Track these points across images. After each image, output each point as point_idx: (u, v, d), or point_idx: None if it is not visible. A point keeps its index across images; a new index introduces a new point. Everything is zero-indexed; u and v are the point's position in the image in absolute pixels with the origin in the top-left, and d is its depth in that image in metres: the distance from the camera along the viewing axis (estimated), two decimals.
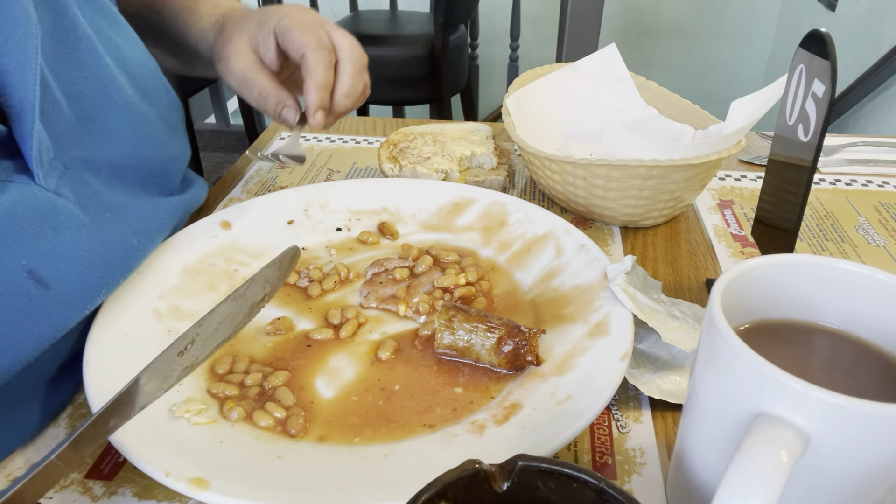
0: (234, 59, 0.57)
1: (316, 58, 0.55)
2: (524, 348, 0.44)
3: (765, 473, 0.25)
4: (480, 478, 0.27)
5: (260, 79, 0.57)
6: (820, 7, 2.27)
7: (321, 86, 0.55)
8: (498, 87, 2.91)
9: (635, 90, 0.74)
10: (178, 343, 0.39)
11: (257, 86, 0.57)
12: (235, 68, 0.57)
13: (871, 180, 0.74)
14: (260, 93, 0.57)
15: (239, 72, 0.57)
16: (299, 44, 0.55)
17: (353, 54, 0.57)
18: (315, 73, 0.55)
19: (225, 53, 0.58)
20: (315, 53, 0.55)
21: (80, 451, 0.33)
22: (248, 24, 0.57)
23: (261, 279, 0.46)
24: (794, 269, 0.34)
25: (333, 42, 0.57)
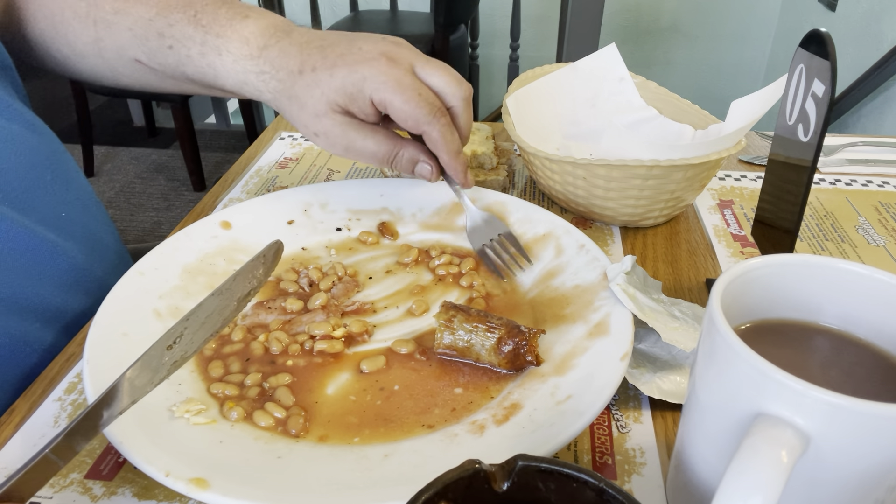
0: (339, 137, 0.52)
1: (440, 131, 0.51)
2: (524, 348, 0.44)
3: (765, 473, 0.25)
4: (480, 478, 0.27)
5: (375, 145, 0.53)
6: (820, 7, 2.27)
7: (456, 153, 0.53)
8: (498, 87, 2.91)
9: (635, 90, 0.74)
10: (166, 337, 0.39)
11: (378, 153, 0.53)
12: (342, 146, 0.53)
13: (871, 180, 0.74)
14: (383, 158, 0.54)
15: (349, 151, 0.53)
16: (413, 119, 0.51)
17: (461, 95, 0.53)
18: (443, 144, 0.52)
19: (317, 128, 0.52)
20: (436, 126, 0.51)
21: (74, 445, 0.34)
22: (334, 93, 0.50)
23: (246, 273, 0.45)
24: (794, 269, 0.34)
25: (434, 88, 0.52)
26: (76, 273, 0.55)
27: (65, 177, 0.57)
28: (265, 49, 0.53)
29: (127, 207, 2.49)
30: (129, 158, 2.82)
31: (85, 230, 0.58)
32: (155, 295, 0.50)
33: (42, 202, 0.54)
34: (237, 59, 0.53)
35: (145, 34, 0.55)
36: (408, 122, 0.51)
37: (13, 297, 0.50)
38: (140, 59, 0.57)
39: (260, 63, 0.53)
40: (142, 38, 0.55)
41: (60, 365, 0.49)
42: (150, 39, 0.55)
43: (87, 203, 0.59)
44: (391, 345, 0.48)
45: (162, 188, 2.62)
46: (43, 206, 0.54)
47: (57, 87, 3.32)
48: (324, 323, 0.49)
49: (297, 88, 0.51)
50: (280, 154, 0.80)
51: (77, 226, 0.57)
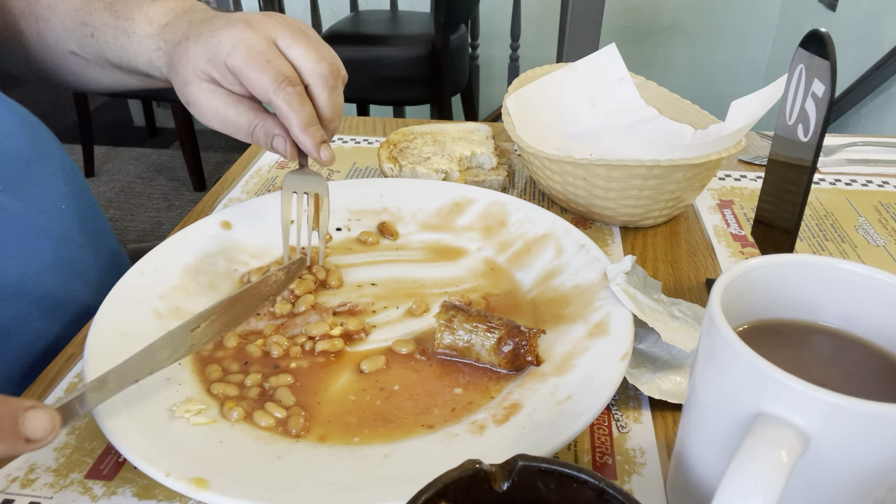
0: (204, 105, 0.51)
1: (284, 100, 0.48)
2: (524, 348, 0.44)
3: (765, 473, 0.25)
4: (480, 478, 0.27)
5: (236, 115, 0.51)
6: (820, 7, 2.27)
7: (305, 125, 0.49)
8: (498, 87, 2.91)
9: (635, 90, 0.74)
10: (192, 321, 0.43)
11: (238, 125, 0.51)
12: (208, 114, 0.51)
13: (871, 180, 0.74)
14: (242, 130, 0.51)
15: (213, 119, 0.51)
16: (259, 86, 0.48)
17: (319, 72, 0.49)
18: (291, 116, 0.48)
19: (187, 96, 0.51)
20: (280, 95, 0.48)
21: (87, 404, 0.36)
22: (197, 59, 0.50)
23: (270, 280, 0.49)
24: (794, 269, 0.34)
25: (293, 61, 0.49)
26: (76, 264, 0.56)
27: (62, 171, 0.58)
28: (165, 27, 0.54)
29: (127, 207, 2.49)
30: (130, 158, 2.82)
31: (84, 225, 0.58)
32: (155, 295, 0.50)
33: (43, 194, 0.54)
34: (141, 39, 0.55)
35: (73, 25, 0.58)
36: (256, 90, 0.49)
37: (17, 289, 0.50)
38: (73, 50, 0.60)
39: (157, 40, 0.55)
40: (71, 29, 0.59)
41: (60, 365, 0.49)
42: (77, 30, 0.58)
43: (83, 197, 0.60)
44: (391, 345, 0.48)
45: (162, 188, 2.62)
46: (44, 198, 0.54)
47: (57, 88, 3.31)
48: (320, 323, 0.49)
49: (175, 58, 0.52)
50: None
51: (76, 219, 0.57)
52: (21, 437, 0.31)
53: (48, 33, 0.60)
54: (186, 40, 0.51)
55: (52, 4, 0.59)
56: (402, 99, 2.13)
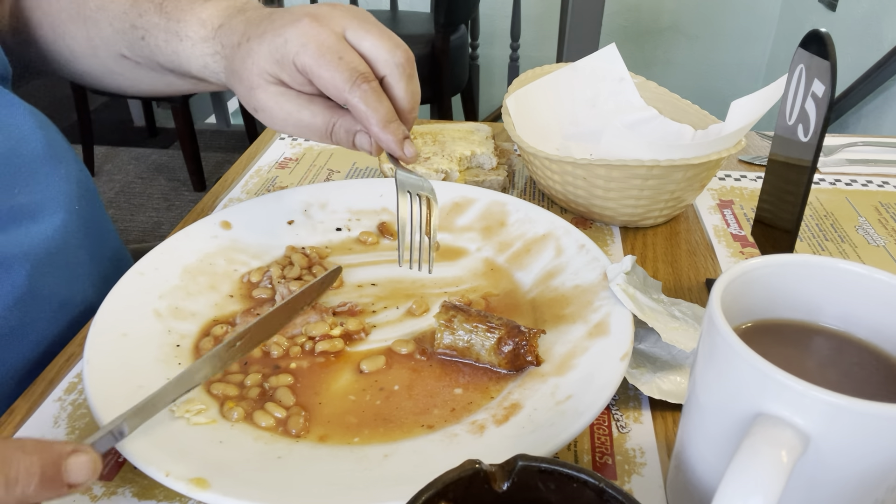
0: (275, 110, 0.48)
1: (361, 98, 0.45)
2: (524, 348, 0.44)
3: (765, 473, 0.25)
4: (480, 478, 0.27)
5: (311, 116, 0.48)
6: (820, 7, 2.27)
7: (385, 123, 0.46)
8: (498, 87, 2.91)
9: (635, 90, 0.74)
10: (231, 340, 0.44)
11: (314, 126, 0.49)
12: (280, 119, 0.49)
13: (871, 180, 0.74)
14: (320, 131, 0.49)
15: (287, 124, 0.49)
16: (333, 85, 0.46)
17: (395, 62, 0.47)
18: (369, 114, 0.46)
19: (255, 103, 0.49)
20: (357, 94, 0.45)
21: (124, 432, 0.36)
22: (263, 61, 0.47)
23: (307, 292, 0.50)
24: (794, 269, 0.34)
25: (364, 54, 0.47)
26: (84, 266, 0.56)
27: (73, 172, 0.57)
28: (219, 29, 0.51)
29: (127, 207, 2.49)
30: (130, 158, 2.82)
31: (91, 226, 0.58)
32: (155, 295, 0.50)
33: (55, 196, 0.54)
34: (195, 43, 0.52)
35: (123, 27, 0.56)
36: (329, 90, 0.46)
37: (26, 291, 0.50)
38: (124, 53, 0.57)
39: (213, 44, 0.52)
40: (121, 31, 0.56)
41: (60, 365, 0.49)
42: (127, 32, 0.56)
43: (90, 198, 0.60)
44: (391, 345, 0.48)
45: (162, 188, 2.62)
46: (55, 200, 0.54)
47: (57, 87, 3.31)
48: (320, 323, 0.49)
49: (236, 62, 0.49)
50: (280, 154, 0.80)
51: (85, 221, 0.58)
52: (64, 483, 0.31)
53: (97, 36, 0.58)
54: (248, 41, 0.48)
55: (101, 6, 0.57)
56: None
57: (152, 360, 0.45)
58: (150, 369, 0.44)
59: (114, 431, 0.35)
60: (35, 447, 0.30)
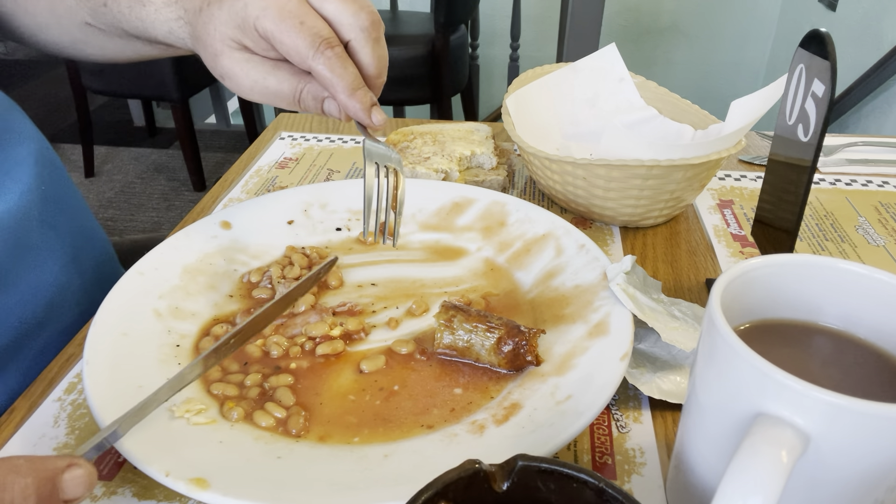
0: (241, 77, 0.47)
1: (325, 65, 0.44)
2: (524, 348, 0.44)
3: (765, 473, 0.25)
4: (480, 478, 0.27)
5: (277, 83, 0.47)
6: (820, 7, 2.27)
7: (351, 90, 0.45)
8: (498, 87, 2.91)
9: (635, 90, 0.74)
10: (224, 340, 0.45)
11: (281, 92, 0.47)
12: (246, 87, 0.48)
13: (871, 180, 0.74)
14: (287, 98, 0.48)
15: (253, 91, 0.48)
16: (295, 52, 0.44)
17: (359, 25, 0.45)
18: (335, 81, 0.45)
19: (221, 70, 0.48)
20: (320, 60, 0.44)
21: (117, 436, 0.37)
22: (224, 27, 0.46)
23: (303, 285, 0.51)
24: (794, 269, 0.34)
25: (328, 17, 0.45)
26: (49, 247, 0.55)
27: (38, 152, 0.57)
28: None
29: (127, 207, 2.49)
30: (129, 158, 2.82)
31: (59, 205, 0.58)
32: (155, 295, 0.50)
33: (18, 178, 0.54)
34: (158, 8, 0.51)
35: None
36: (292, 56, 0.45)
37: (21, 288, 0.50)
38: (88, 21, 0.56)
39: (176, 8, 0.50)
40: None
41: (60, 365, 0.49)
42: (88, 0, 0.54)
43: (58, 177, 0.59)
44: (391, 345, 0.48)
45: (162, 188, 2.62)
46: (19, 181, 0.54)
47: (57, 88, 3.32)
48: (320, 323, 0.48)
49: (199, 28, 0.47)
50: (280, 154, 0.80)
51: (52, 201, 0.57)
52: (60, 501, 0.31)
53: (60, 5, 0.56)
54: (209, 6, 0.46)
55: None
56: (402, 99, 2.13)
57: (152, 360, 0.45)
58: (150, 369, 0.44)
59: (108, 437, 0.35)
60: (29, 467, 0.30)
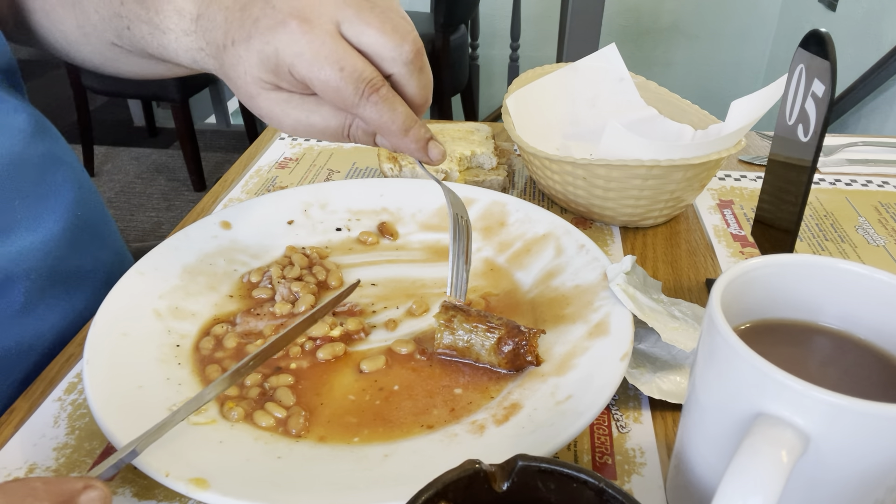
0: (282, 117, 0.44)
1: (374, 111, 0.41)
2: (524, 348, 0.44)
3: (765, 473, 0.25)
4: (480, 478, 0.27)
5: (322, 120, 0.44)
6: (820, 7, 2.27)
7: (405, 130, 0.43)
8: (498, 87, 2.91)
9: (635, 90, 0.74)
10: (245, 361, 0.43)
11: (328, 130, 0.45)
12: (289, 127, 0.45)
13: (871, 180, 0.74)
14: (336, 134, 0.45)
15: (297, 130, 0.45)
16: (339, 100, 0.41)
17: (403, 59, 0.41)
18: (381, 125, 0.42)
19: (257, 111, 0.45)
20: (367, 108, 0.41)
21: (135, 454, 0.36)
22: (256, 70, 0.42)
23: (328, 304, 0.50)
24: (794, 269, 0.34)
25: (368, 52, 0.41)
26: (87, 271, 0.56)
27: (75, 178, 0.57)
28: (198, 20, 0.46)
29: (127, 207, 2.49)
30: (130, 158, 2.82)
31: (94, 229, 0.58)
32: (155, 295, 0.50)
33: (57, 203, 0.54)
34: (178, 37, 0.47)
35: (108, 15, 0.52)
36: (336, 103, 0.42)
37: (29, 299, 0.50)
38: (114, 41, 0.53)
39: (197, 39, 0.46)
40: (107, 19, 0.52)
41: (60, 365, 0.49)
42: (112, 20, 0.51)
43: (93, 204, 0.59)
44: (391, 345, 0.48)
45: (162, 188, 2.62)
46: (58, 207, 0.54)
47: (57, 87, 3.31)
48: (320, 323, 0.48)
49: (226, 68, 0.44)
50: (280, 154, 0.80)
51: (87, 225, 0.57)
52: None
53: (87, 24, 0.54)
54: (234, 45, 0.42)
55: None
56: None
57: (152, 360, 0.45)
58: (150, 369, 0.44)
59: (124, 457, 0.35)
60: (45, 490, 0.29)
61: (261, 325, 0.50)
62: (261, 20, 0.41)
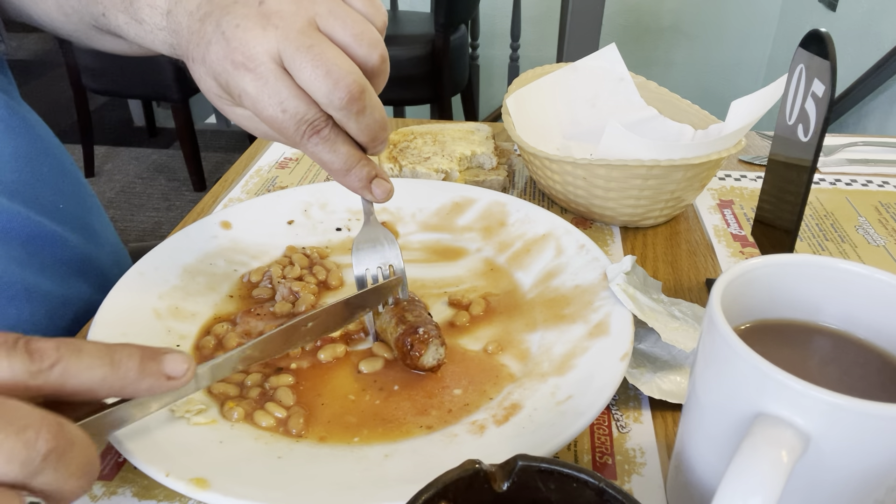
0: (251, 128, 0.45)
1: (314, 153, 0.41)
2: (412, 348, 0.44)
3: (765, 473, 0.25)
4: (480, 478, 0.27)
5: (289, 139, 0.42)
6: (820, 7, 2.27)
7: (345, 172, 0.43)
8: (498, 87, 2.91)
9: (635, 90, 0.74)
10: (304, 319, 0.43)
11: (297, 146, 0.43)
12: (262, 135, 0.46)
13: (871, 180, 0.74)
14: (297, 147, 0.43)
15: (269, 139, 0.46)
16: (283, 136, 0.41)
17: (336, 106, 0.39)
18: (326, 166, 0.42)
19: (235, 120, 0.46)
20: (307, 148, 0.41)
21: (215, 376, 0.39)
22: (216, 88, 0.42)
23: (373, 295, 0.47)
24: (794, 269, 0.34)
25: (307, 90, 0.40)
26: (77, 263, 0.56)
27: (61, 169, 0.57)
28: (169, 16, 0.45)
29: (127, 207, 2.49)
30: (130, 158, 2.82)
31: (82, 222, 0.58)
32: (155, 295, 0.50)
33: (40, 193, 0.54)
34: (153, 30, 0.46)
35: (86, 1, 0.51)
36: (280, 138, 0.42)
37: (16, 286, 0.50)
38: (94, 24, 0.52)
39: (169, 35, 0.45)
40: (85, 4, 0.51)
41: None
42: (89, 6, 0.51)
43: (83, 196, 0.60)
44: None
45: (162, 188, 2.62)
46: (41, 197, 0.54)
47: (57, 87, 3.32)
48: None
49: (192, 73, 0.43)
50: (280, 154, 0.80)
51: (74, 217, 0.57)
52: (163, 374, 0.33)
53: (66, 4, 0.53)
54: (193, 62, 0.42)
55: None
56: (402, 99, 2.13)
57: None
58: None
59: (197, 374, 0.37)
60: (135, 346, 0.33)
61: (261, 325, 0.50)
62: (212, 45, 0.40)
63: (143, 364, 0.32)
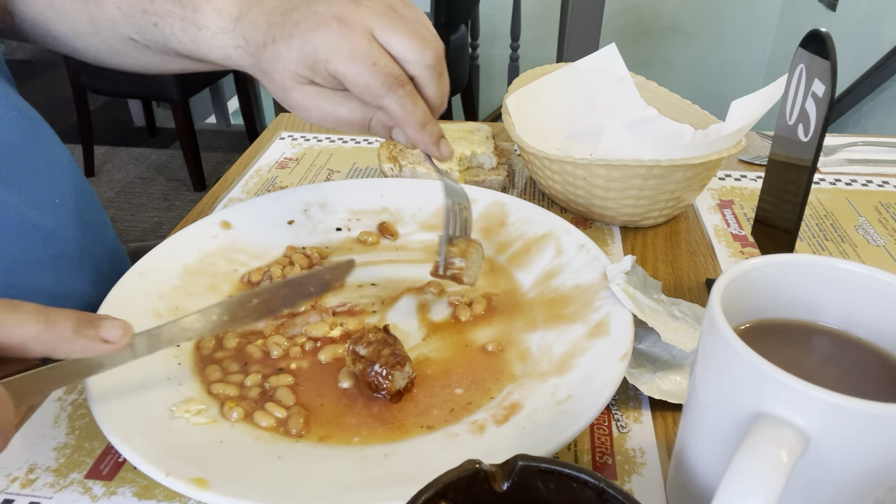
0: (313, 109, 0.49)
1: (397, 103, 0.46)
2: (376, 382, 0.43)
3: (765, 473, 0.25)
4: (480, 478, 0.27)
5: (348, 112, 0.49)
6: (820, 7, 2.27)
7: (422, 125, 0.48)
8: (498, 87, 2.91)
9: (635, 90, 0.74)
10: (248, 295, 0.44)
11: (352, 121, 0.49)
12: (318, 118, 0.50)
13: (871, 180, 0.74)
14: (357, 125, 0.50)
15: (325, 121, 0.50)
16: (368, 91, 0.46)
17: (425, 63, 0.47)
18: (403, 118, 0.47)
19: (290, 102, 0.50)
20: (392, 99, 0.46)
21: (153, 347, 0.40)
22: (294, 65, 0.47)
23: (315, 278, 0.49)
24: (794, 269, 0.34)
25: (395, 55, 0.47)
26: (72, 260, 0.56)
27: (59, 166, 0.57)
28: (238, 20, 0.50)
29: (127, 207, 2.49)
30: (130, 158, 2.82)
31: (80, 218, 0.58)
32: (155, 295, 0.50)
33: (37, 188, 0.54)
34: (215, 34, 0.51)
35: (132, 10, 0.54)
36: (364, 95, 0.47)
37: (10, 282, 0.50)
38: (133, 37, 0.55)
39: (235, 37, 0.51)
40: (129, 14, 0.54)
41: None
42: (137, 16, 0.54)
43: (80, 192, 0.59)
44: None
45: (162, 188, 2.62)
46: (38, 192, 0.54)
47: (57, 87, 3.32)
48: (320, 324, 0.48)
49: (265, 63, 0.49)
50: (280, 154, 0.80)
51: (71, 213, 0.57)
52: (98, 337, 0.35)
53: (102, 18, 0.55)
54: (274, 44, 0.47)
55: None
56: None
57: (152, 360, 0.45)
58: (149, 369, 0.44)
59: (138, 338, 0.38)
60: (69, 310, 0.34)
61: (260, 325, 0.50)
62: (301, 23, 0.46)
63: (78, 325, 0.34)
